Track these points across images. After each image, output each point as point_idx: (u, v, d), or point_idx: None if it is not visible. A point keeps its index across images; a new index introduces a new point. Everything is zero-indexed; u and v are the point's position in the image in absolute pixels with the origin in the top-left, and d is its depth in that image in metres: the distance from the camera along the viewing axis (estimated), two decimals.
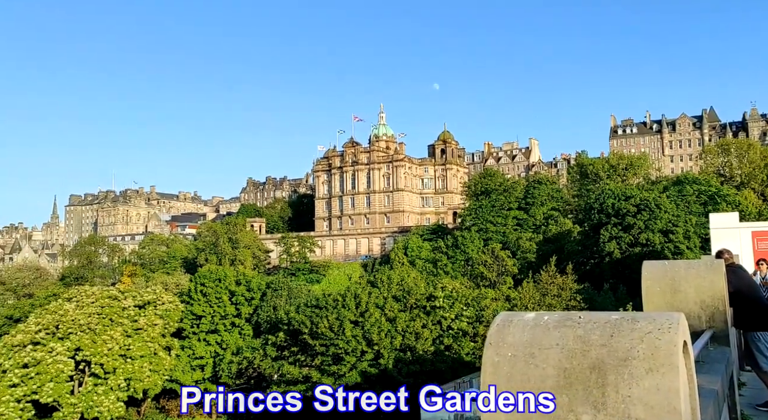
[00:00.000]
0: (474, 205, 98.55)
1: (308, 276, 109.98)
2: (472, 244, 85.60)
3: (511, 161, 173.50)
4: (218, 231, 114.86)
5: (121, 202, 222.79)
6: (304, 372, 48.13)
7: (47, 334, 54.20)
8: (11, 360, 52.41)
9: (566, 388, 3.10)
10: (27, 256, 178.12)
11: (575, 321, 3.33)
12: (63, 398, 52.65)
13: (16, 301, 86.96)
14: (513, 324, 3.47)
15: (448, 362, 45.68)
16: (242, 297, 62.45)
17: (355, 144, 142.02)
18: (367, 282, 60.63)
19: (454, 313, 49.93)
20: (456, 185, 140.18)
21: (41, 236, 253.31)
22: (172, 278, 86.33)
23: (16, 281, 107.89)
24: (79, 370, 54.57)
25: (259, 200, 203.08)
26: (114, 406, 53.50)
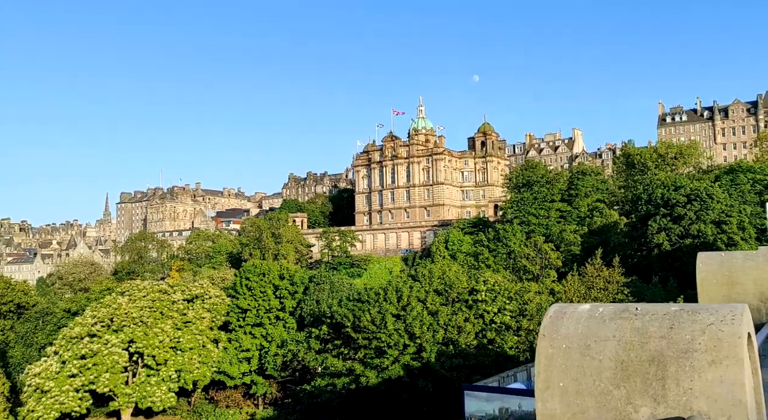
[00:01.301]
0: (516, 198, 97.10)
1: (349, 270, 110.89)
2: (514, 237, 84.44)
3: (553, 152, 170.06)
4: (261, 226, 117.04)
5: (169, 198, 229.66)
6: (347, 365, 48.65)
7: (103, 326, 56.54)
8: (70, 351, 54.96)
9: (624, 381, 3.05)
10: (82, 252, 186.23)
11: (632, 312, 3.26)
12: (118, 388, 54.91)
13: (73, 295, 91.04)
14: (567, 316, 3.42)
15: (491, 356, 45.33)
16: (286, 291, 63.48)
17: (394, 138, 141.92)
18: (408, 276, 60.76)
19: (496, 306, 49.45)
20: (497, 178, 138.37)
21: (95, 233, 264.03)
22: (218, 273, 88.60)
23: (72, 276, 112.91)
24: (132, 362, 56.77)
25: (300, 195, 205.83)
26: (166, 397, 55.43)
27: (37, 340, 68.60)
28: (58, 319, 68.08)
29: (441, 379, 44.02)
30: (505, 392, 22.78)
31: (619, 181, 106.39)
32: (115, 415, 58.47)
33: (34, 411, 52.12)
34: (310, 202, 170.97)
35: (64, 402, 52.67)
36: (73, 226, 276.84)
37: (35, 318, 75.02)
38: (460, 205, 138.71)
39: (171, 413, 60.65)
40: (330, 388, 48.11)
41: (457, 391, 35.34)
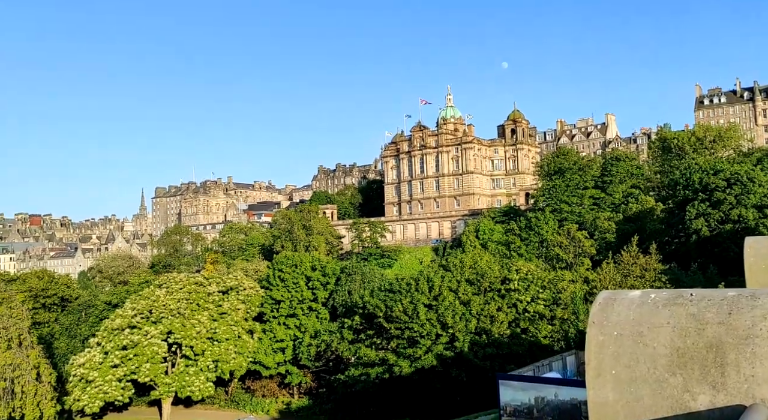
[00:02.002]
0: (547, 185, 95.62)
1: (380, 260, 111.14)
2: (546, 225, 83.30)
3: (585, 138, 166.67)
4: (292, 218, 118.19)
5: (202, 192, 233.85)
6: (380, 355, 48.95)
7: (142, 318, 58.15)
8: (112, 342, 56.73)
9: (680, 368, 2.96)
10: (120, 246, 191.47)
11: (687, 298, 3.16)
12: (158, 378, 56.50)
13: (113, 288, 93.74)
14: (617, 302, 3.34)
15: (525, 345, 44.98)
16: (318, 282, 64.13)
17: (423, 128, 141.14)
18: (439, 266, 60.62)
19: (529, 295, 48.97)
20: (528, 165, 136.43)
21: (132, 227, 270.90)
22: (252, 265, 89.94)
23: (111, 269, 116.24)
24: (171, 352, 58.28)
25: (329, 187, 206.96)
26: (204, 386, 56.82)
27: (80, 331, 70.94)
28: (100, 311, 70.20)
29: (474, 369, 43.92)
30: (540, 381, 22.57)
31: (654, 166, 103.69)
32: (156, 403, 60.25)
33: (80, 400, 54.10)
34: (340, 194, 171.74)
35: (107, 391, 54.47)
36: (111, 220, 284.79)
37: (78, 310, 77.50)
38: (491, 193, 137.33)
39: (209, 402, 62.19)
40: (363, 377, 48.51)
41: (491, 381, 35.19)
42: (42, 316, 78.01)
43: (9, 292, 54.77)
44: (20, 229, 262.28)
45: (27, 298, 70.28)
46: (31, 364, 47.67)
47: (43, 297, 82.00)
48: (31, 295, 78.00)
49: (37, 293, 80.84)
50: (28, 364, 47.44)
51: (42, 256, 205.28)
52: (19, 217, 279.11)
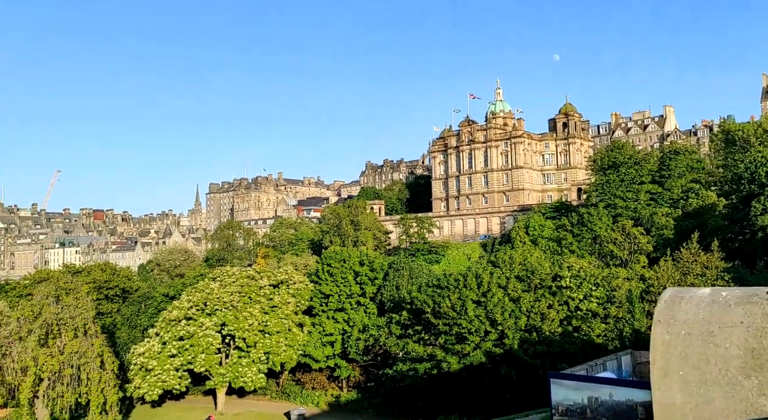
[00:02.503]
0: (601, 180, 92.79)
1: (427, 256, 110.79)
2: (599, 221, 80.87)
3: (642, 131, 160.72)
4: (340, 214, 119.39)
5: (253, 188, 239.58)
6: (428, 350, 48.85)
7: (197, 310, 60.12)
8: (169, 333, 58.93)
9: (756, 370, 2.79)
10: (176, 240, 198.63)
11: (762, 297, 2.98)
12: (213, 368, 58.34)
13: (170, 281, 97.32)
14: (685, 300, 3.19)
15: (577, 344, 43.88)
16: (366, 277, 64.54)
17: (471, 122, 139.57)
18: (488, 262, 59.89)
19: (582, 293, 47.72)
20: (580, 160, 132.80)
21: (187, 222, 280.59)
22: (301, 259, 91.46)
23: (168, 262, 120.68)
24: (225, 344, 60.04)
25: (377, 183, 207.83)
26: (256, 377, 58.28)
27: (140, 322, 74.04)
28: (158, 302, 73.00)
29: (524, 367, 43.21)
30: (594, 381, 21.97)
31: (716, 159, 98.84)
32: (211, 393, 62.28)
33: (140, 387, 56.52)
34: (387, 189, 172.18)
35: (165, 380, 56.69)
36: (168, 215, 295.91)
37: (138, 302, 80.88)
38: (541, 189, 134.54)
39: (261, 393, 63.75)
40: (411, 373, 48.55)
41: (541, 379, 34.55)
42: (105, 306, 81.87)
43: (75, 283, 57.69)
44: (85, 224, 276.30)
45: (91, 290, 73.80)
46: (95, 353, 50.09)
47: (106, 288, 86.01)
48: (95, 286, 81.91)
49: (100, 285, 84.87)
50: (92, 352, 49.87)
51: (105, 250, 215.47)
52: (84, 212, 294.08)
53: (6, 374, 48.36)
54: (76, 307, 51.65)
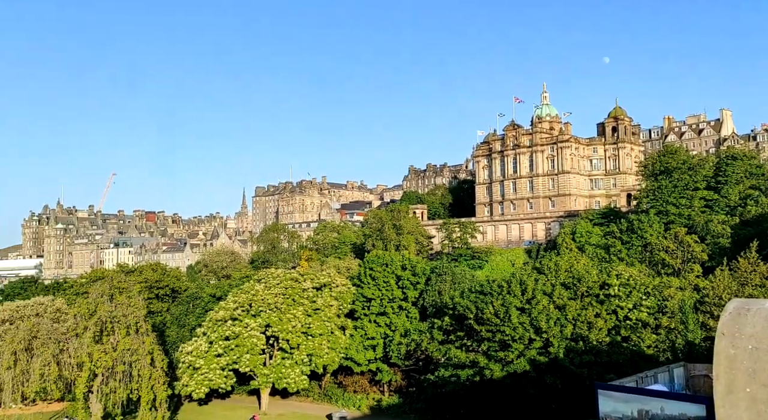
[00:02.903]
0: (652, 186, 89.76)
1: (470, 261, 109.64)
2: (650, 228, 78.17)
3: (696, 136, 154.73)
4: (383, 218, 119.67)
5: (298, 192, 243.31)
6: (471, 357, 48.30)
7: (243, 311, 61.32)
8: (216, 333, 60.31)
9: None
10: (223, 242, 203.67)
11: None
12: (257, 369, 59.34)
13: (217, 282, 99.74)
14: (752, 313, 3.04)
15: (626, 355, 42.51)
16: (408, 281, 64.38)
17: (516, 126, 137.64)
18: (533, 268, 58.79)
19: (631, 302, 46.26)
20: (630, 165, 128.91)
21: (234, 224, 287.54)
22: (344, 262, 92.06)
23: (216, 264, 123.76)
24: (269, 345, 61.00)
25: (420, 187, 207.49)
26: (299, 379, 58.93)
27: (188, 321, 76.08)
28: (206, 303, 74.87)
29: (570, 376, 42.17)
30: (645, 393, 21.23)
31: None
32: (255, 393, 63.37)
33: (188, 385, 58.04)
34: (430, 194, 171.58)
35: (212, 378, 58.01)
36: (215, 218, 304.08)
37: (186, 301, 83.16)
38: (589, 194, 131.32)
39: (304, 395, 64.44)
40: (454, 379, 48.09)
41: (588, 390, 33.60)
42: (155, 305, 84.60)
43: (128, 282, 59.81)
44: (138, 225, 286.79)
45: (143, 289, 76.42)
46: (146, 350, 51.78)
47: (157, 288, 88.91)
48: (147, 286, 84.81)
49: (151, 284, 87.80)
50: (143, 349, 51.58)
51: (156, 250, 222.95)
52: (137, 213, 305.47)
53: (63, 369, 50.57)
54: (129, 306, 53.54)
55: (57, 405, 63.30)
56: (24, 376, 49.84)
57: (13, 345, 50.43)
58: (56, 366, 50.03)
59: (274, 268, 77.09)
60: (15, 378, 49.68)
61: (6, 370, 49.91)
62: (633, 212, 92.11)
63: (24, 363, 49.95)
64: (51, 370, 49.39)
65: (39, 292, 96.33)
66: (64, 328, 53.85)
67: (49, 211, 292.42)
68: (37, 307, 69.42)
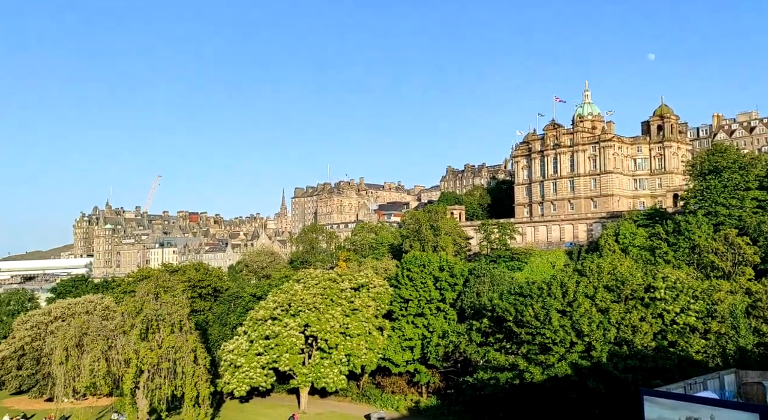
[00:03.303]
0: (700, 186, 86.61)
1: (509, 263, 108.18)
2: (698, 229, 75.41)
3: (748, 134, 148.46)
4: (420, 219, 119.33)
5: (336, 193, 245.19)
6: (510, 359, 47.67)
7: (282, 311, 62.12)
8: (256, 332, 61.30)
9: None
10: (264, 243, 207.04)
11: None
12: (297, 368, 60.02)
13: (257, 281, 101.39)
14: None
15: (673, 360, 41.14)
16: (446, 282, 63.99)
17: (557, 126, 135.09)
18: (574, 270, 57.54)
19: (678, 306, 44.76)
20: (676, 164, 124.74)
21: (273, 225, 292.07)
22: (381, 263, 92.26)
23: (256, 264, 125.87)
24: (308, 344, 61.62)
25: (458, 188, 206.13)
26: (337, 379, 59.31)
27: (229, 320, 77.59)
28: (246, 302, 76.20)
29: (614, 381, 41.10)
30: (694, 401, 20.48)
31: None
32: (294, 392, 64.14)
33: (230, 383, 59.20)
34: (468, 195, 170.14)
35: (253, 377, 58.98)
36: (256, 219, 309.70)
37: (228, 301, 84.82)
38: (632, 195, 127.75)
39: (342, 394, 64.84)
40: (493, 381, 47.54)
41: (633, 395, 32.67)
42: (198, 304, 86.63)
43: (172, 281, 61.46)
44: (181, 226, 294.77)
45: (186, 288, 78.36)
46: (189, 348, 53.05)
47: (199, 287, 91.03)
48: (190, 285, 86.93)
49: (194, 283, 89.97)
50: (187, 347, 52.87)
51: (199, 250, 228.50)
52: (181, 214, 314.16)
53: (111, 365, 52.31)
54: (173, 305, 54.96)
55: (106, 400, 65.54)
56: (75, 371, 51.75)
57: (65, 341, 52.45)
58: (105, 362, 51.76)
59: (312, 269, 77.81)
60: (67, 373, 51.63)
61: (58, 365, 51.95)
62: (680, 213, 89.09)
63: (75, 358, 51.87)
64: (100, 366, 51.13)
65: (89, 290, 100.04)
66: (113, 325, 55.69)
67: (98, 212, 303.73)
68: (87, 304, 72.20)
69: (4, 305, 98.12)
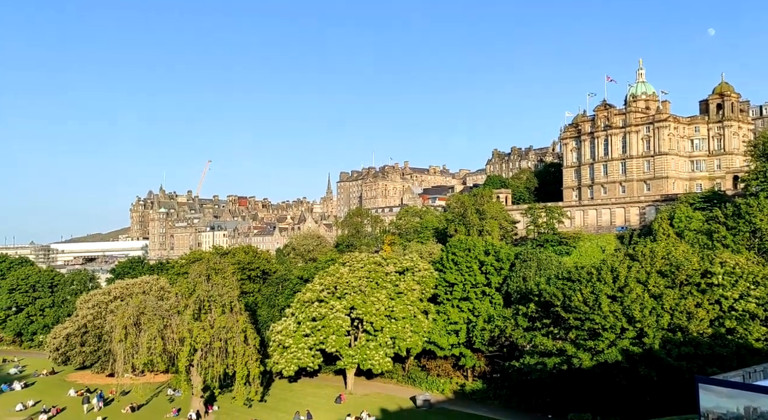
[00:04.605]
0: (763, 167, 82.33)
1: (557, 247, 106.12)
2: (760, 212, 71.70)
3: None
4: (465, 202, 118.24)
5: (380, 177, 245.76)
6: (557, 345, 46.98)
7: (328, 293, 63.12)
8: (303, 314, 62.58)
9: None
10: (310, 226, 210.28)
11: None
12: (343, 349, 61.03)
13: (304, 264, 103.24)
14: None
15: (731, 348, 39.58)
16: (491, 267, 63.39)
17: (608, 106, 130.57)
18: (625, 255, 55.84)
19: (737, 292, 42.92)
20: (737, 145, 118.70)
21: (319, 209, 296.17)
22: (426, 247, 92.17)
23: (303, 247, 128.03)
24: (354, 326, 62.47)
25: (504, 171, 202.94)
26: (383, 361, 59.99)
27: (278, 302, 79.50)
28: (294, 284, 77.79)
29: (667, 368, 39.93)
30: (754, 390, 19.62)
31: None
32: (341, 373, 65.34)
33: (279, 363, 60.82)
34: (515, 178, 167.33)
35: (300, 358, 60.39)
36: (302, 203, 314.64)
37: (276, 283, 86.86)
38: (689, 177, 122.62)
39: (388, 376, 65.60)
40: (539, 366, 47.01)
41: (687, 383, 31.69)
42: (247, 286, 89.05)
43: (222, 264, 63.29)
44: (231, 210, 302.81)
45: (236, 270, 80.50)
46: (240, 328, 54.75)
47: (249, 270, 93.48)
48: (239, 267, 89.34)
49: (243, 266, 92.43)
50: (237, 327, 54.57)
51: (247, 234, 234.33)
52: (231, 198, 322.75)
53: (167, 343, 54.58)
54: (224, 286, 56.71)
55: (162, 376, 68.60)
56: (134, 348, 54.26)
57: (124, 320, 55.00)
58: (161, 340, 54.03)
59: (358, 252, 78.53)
60: (126, 350, 54.21)
61: (118, 343, 54.60)
62: (740, 195, 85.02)
63: (133, 336, 54.36)
64: (156, 344, 53.42)
65: (145, 271, 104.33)
66: (167, 305, 57.97)
67: (152, 196, 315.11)
68: (143, 285, 75.39)
69: (68, 285, 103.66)
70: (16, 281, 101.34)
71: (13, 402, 60.84)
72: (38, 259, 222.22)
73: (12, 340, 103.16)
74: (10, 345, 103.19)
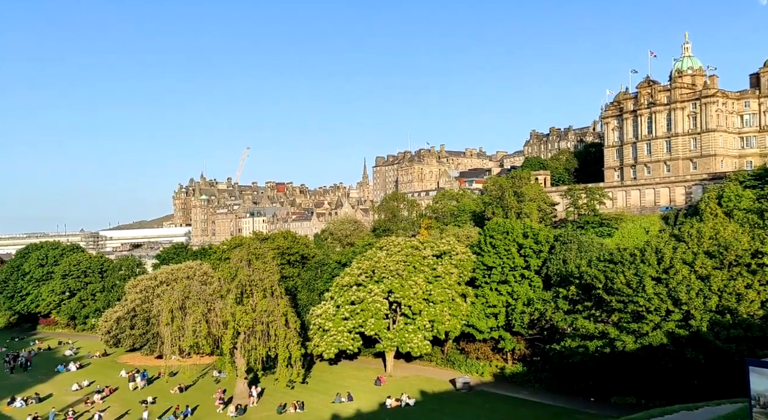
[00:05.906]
0: None
1: (598, 229, 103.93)
2: None
3: None
4: (503, 185, 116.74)
5: (416, 161, 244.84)
6: (599, 327, 46.19)
7: (366, 277, 63.56)
8: (342, 297, 63.28)
9: None
10: (347, 211, 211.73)
11: None
12: (382, 332, 61.56)
13: (342, 249, 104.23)
14: None
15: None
16: (530, 249, 62.55)
17: (652, 83, 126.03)
18: (670, 236, 54.17)
19: None
20: None
21: (356, 194, 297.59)
22: (463, 230, 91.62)
23: (340, 232, 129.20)
24: (392, 310, 62.85)
25: (542, 152, 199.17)
26: (422, 344, 60.25)
27: (317, 286, 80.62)
28: (332, 269, 78.68)
29: (715, 351, 38.81)
30: None
31: None
32: (380, 355, 66.00)
33: (319, 346, 61.85)
34: (554, 159, 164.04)
35: (340, 341, 61.22)
36: (339, 188, 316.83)
37: (315, 267, 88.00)
38: (738, 154, 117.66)
39: (427, 359, 65.91)
40: (581, 349, 46.37)
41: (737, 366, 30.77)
42: (287, 271, 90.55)
43: (262, 249, 64.37)
44: (270, 196, 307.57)
45: (276, 255, 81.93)
46: (280, 312, 55.82)
47: (288, 254, 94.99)
48: (279, 252, 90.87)
49: (283, 251, 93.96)
50: (278, 311, 55.65)
51: (286, 219, 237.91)
52: (269, 184, 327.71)
53: (211, 326, 56.17)
54: (264, 271, 57.76)
55: (208, 358, 70.78)
56: (180, 331, 56.08)
57: (170, 304, 56.82)
58: (206, 323, 55.65)
59: (395, 236, 78.64)
60: (173, 333, 56.08)
61: (165, 326, 56.51)
62: None
63: (179, 320, 56.15)
64: (201, 327, 55.05)
65: (188, 257, 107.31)
66: (211, 289, 59.53)
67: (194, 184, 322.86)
68: (187, 270, 77.57)
69: (116, 270, 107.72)
70: (68, 267, 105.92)
71: (69, 382, 64.03)
72: (88, 246, 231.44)
73: (66, 323, 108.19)
74: (65, 328, 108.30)
